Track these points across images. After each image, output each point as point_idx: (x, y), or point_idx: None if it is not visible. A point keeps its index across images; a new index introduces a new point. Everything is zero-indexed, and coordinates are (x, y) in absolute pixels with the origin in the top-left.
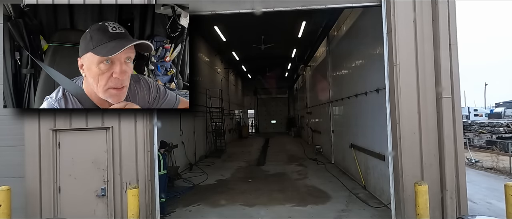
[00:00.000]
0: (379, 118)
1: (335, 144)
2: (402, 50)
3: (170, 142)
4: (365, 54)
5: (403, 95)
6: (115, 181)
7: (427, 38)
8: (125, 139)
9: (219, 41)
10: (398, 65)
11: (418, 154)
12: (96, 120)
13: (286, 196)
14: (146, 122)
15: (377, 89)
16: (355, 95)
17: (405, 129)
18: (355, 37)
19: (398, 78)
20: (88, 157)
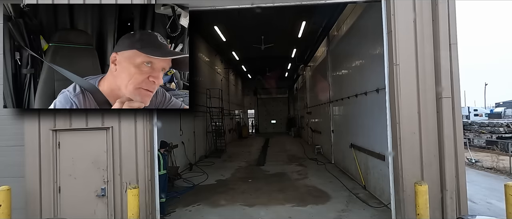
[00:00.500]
0: (379, 118)
1: (335, 144)
2: (402, 50)
3: (170, 142)
4: (365, 54)
5: (403, 96)
6: (115, 181)
7: (427, 38)
8: (125, 139)
9: (219, 41)
10: (398, 65)
11: (418, 154)
12: (96, 120)
13: (286, 196)
14: (146, 122)
15: (377, 89)
16: (355, 95)
17: (405, 129)
18: (355, 37)
19: (398, 78)
20: (88, 157)
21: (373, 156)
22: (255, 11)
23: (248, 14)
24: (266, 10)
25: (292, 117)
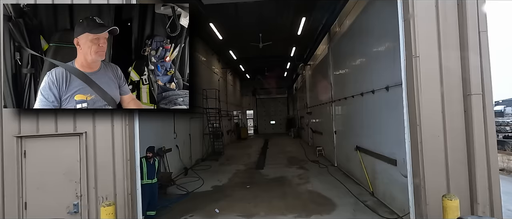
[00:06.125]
0: (388, 119)
1: (338, 145)
2: (423, 40)
3: (162, 146)
4: (371, 49)
5: (425, 92)
6: (89, 195)
7: (451, 25)
8: (101, 146)
9: (215, 39)
10: (417, 57)
11: (443, 161)
12: (67, 123)
13: (287, 204)
14: (125, 125)
15: (387, 86)
16: (360, 94)
17: (427, 131)
18: (360, 31)
19: (418, 72)
20: (59, 167)
21: (382, 159)
22: (253, 7)
23: (245, 11)
24: (265, 5)
25: (291, 117)
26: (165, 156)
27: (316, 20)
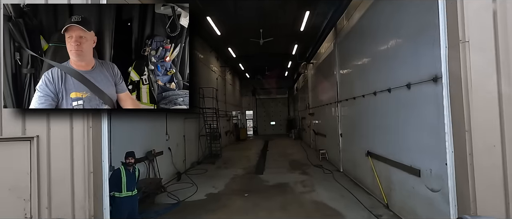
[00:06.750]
0: (408, 121)
1: (344, 149)
2: (474, 20)
3: (152, 149)
4: (388, 43)
5: (476, 89)
6: (41, 217)
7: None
8: (56, 155)
9: (213, 35)
10: (467, 43)
11: (501, 179)
12: (15, 124)
13: (290, 216)
14: (88, 128)
15: (408, 84)
16: (373, 93)
17: (479, 139)
18: (372, 24)
19: (469, 62)
20: (3, 181)
21: (400, 168)
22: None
23: (245, 4)
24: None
25: (292, 118)
26: (155, 160)
27: (321, 14)
